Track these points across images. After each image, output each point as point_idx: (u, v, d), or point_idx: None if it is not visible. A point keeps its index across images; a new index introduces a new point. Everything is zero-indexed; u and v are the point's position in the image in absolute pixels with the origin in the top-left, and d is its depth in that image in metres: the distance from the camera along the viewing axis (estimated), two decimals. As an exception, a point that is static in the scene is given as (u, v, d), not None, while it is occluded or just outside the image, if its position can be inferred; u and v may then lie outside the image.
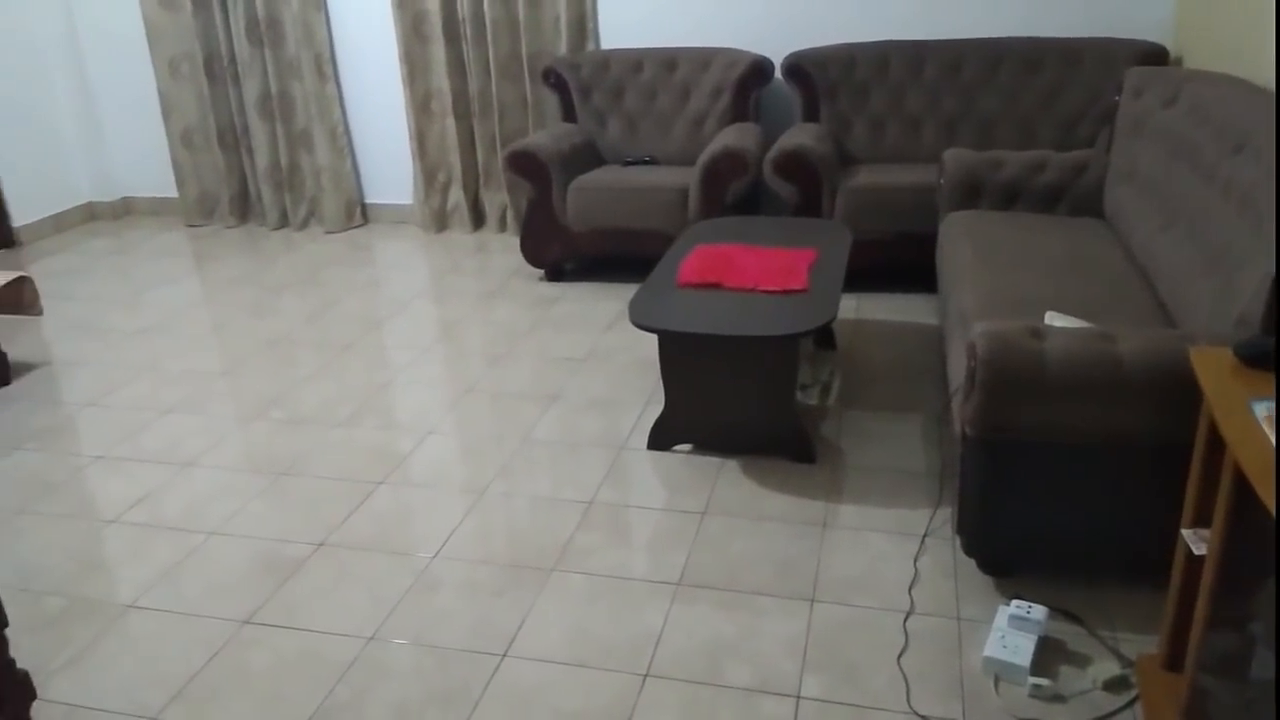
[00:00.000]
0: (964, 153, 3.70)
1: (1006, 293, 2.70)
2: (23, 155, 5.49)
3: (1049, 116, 4.19)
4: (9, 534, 2.69)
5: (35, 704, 2.02)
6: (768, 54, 4.55)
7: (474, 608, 2.29)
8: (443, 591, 2.36)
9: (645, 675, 2.05)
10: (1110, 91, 3.99)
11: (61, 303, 4.54)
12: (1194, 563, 1.72)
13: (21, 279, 3.67)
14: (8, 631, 1.96)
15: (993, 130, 4.26)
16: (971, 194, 3.62)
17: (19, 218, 5.50)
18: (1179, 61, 4.07)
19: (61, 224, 5.78)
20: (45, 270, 5.05)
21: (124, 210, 6.06)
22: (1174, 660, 1.83)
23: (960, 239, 3.23)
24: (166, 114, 5.58)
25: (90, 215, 5.96)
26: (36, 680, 2.08)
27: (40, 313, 3.77)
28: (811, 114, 4.43)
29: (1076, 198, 3.54)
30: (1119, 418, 2.02)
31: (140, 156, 5.87)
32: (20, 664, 2.00)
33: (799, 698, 1.97)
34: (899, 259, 4.03)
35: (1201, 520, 1.71)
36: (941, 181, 3.70)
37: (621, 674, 2.05)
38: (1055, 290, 2.70)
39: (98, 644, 2.23)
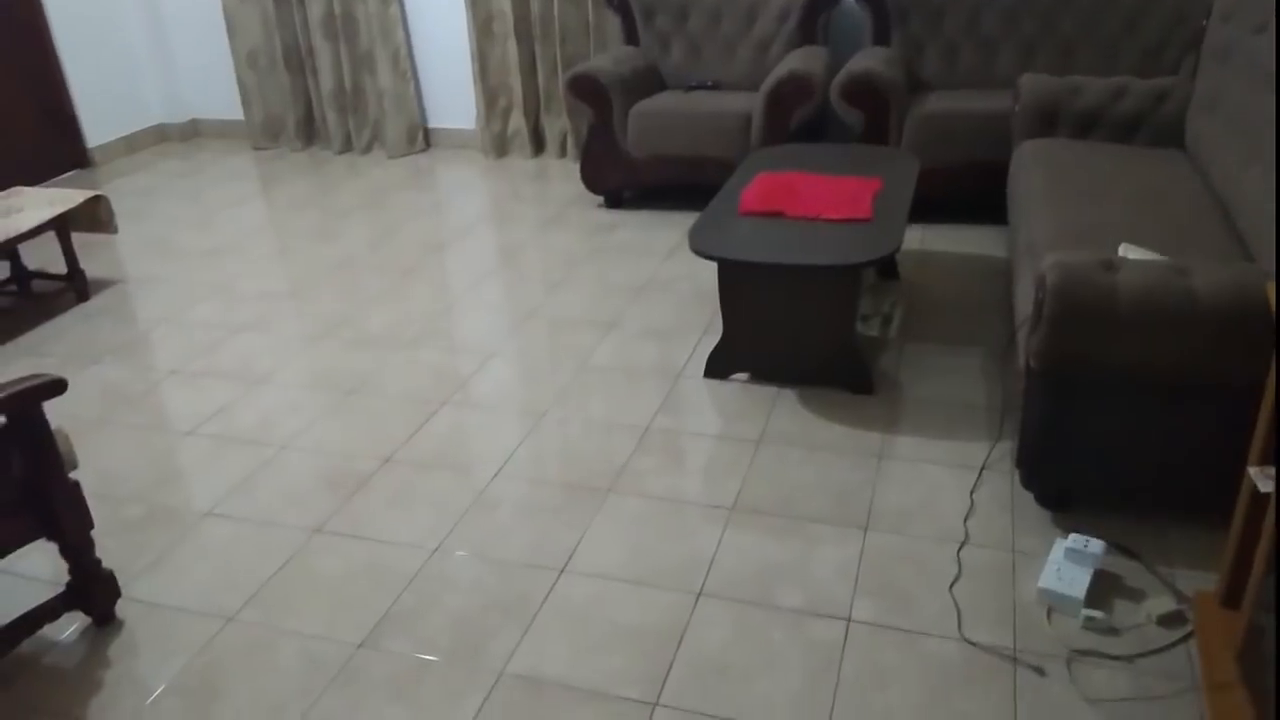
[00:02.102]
0: (1041, 78, 3.58)
1: (1079, 224, 2.63)
2: (96, 77, 5.59)
3: (1132, 41, 4.02)
4: (91, 443, 2.82)
5: (119, 602, 2.14)
6: (838, -25, 4.42)
7: (533, 525, 2.35)
8: (503, 509, 2.42)
9: (698, 594, 2.09)
10: (1198, 16, 3.81)
11: (135, 222, 4.66)
12: (1259, 500, 1.70)
13: (97, 198, 3.77)
14: (92, 534, 2.07)
15: (1072, 55, 4.09)
16: (1047, 121, 3.51)
17: (93, 139, 5.62)
18: (1275, -17, 3.85)
19: (133, 145, 5.89)
20: (119, 190, 5.18)
21: (193, 132, 6.16)
22: (1232, 597, 1.82)
23: (1033, 168, 3.14)
24: (232, 35, 5.62)
25: (161, 137, 6.07)
26: (120, 581, 2.20)
27: (115, 231, 3.89)
28: (882, 37, 4.30)
29: (1157, 127, 3.41)
30: (1191, 353, 1.98)
31: (207, 78, 5.94)
32: (105, 565, 2.12)
33: (850, 620, 2.00)
34: (969, 189, 3.94)
35: (1269, 458, 1.68)
36: (1016, 108, 3.59)
37: (676, 592, 2.10)
38: (1131, 222, 2.62)
39: (176, 549, 2.34)
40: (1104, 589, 2.03)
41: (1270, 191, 2.44)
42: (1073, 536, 2.09)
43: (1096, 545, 2.06)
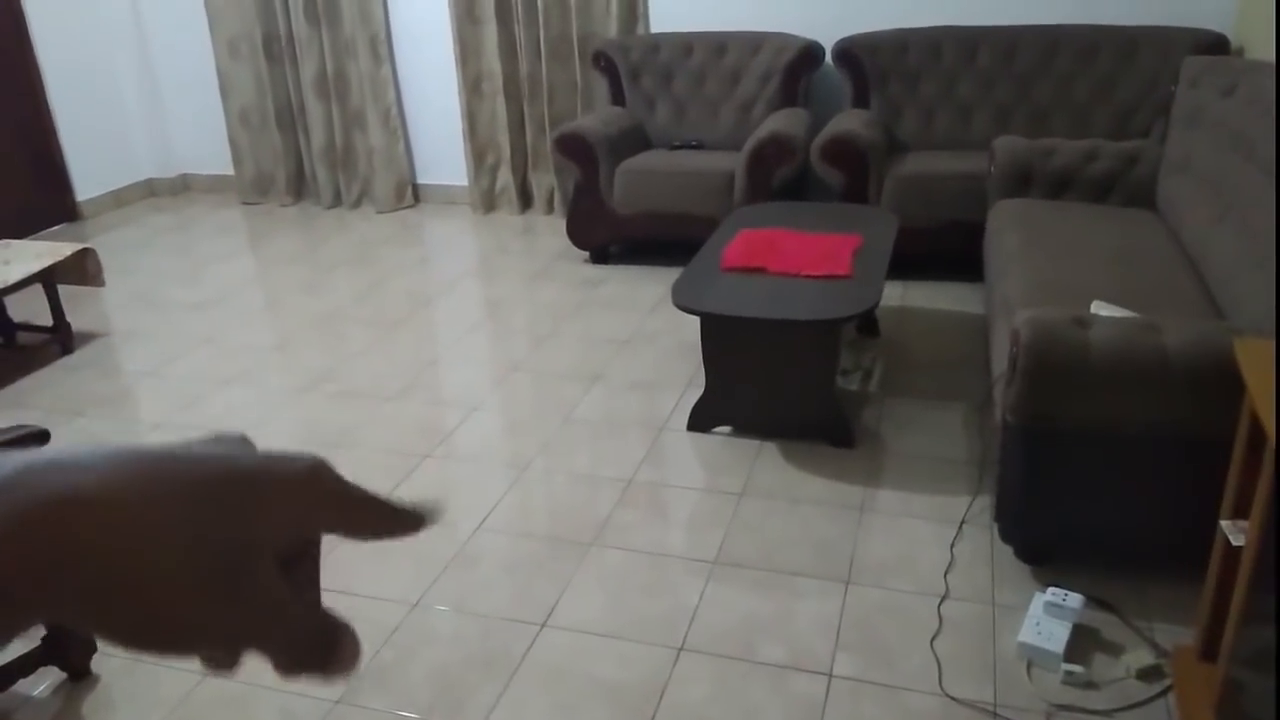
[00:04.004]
0: (1015, 140, 3.67)
1: (1053, 281, 2.69)
2: (87, 132, 5.65)
3: (1104, 106, 4.13)
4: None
5: (96, 656, 2.12)
6: (819, 39, 4.53)
7: (514, 579, 2.35)
8: (484, 562, 2.42)
9: (680, 649, 2.09)
10: (1167, 81, 3.93)
11: (122, 276, 4.68)
12: (1232, 554, 1.72)
13: (85, 251, 3.80)
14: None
15: (1046, 119, 4.20)
16: (1022, 182, 3.59)
17: (82, 192, 5.67)
18: (1240, 51, 3.98)
19: (122, 199, 5.94)
20: (107, 244, 5.20)
21: (182, 187, 6.22)
22: (1209, 651, 1.83)
23: (1009, 227, 3.21)
24: (225, 93, 5.71)
25: (150, 191, 6.12)
26: (98, 633, 2.18)
27: (102, 284, 3.90)
28: (861, 100, 4.41)
29: (1129, 188, 3.50)
30: (1162, 408, 2.01)
31: (199, 135, 6.01)
32: (83, 617, 2.10)
33: (831, 676, 2.00)
34: (947, 247, 4.01)
35: (1241, 512, 1.71)
36: (992, 169, 3.67)
37: (656, 647, 2.10)
38: (1103, 280, 2.68)
39: (155, 602, 2.32)
40: (1083, 643, 2.04)
41: (1237, 252, 2.51)
42: (1051, 590, 2.10)
43: (1075, 599, 2.07)
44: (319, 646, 0.36)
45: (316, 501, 0.37)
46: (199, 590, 0.32)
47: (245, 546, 0.34)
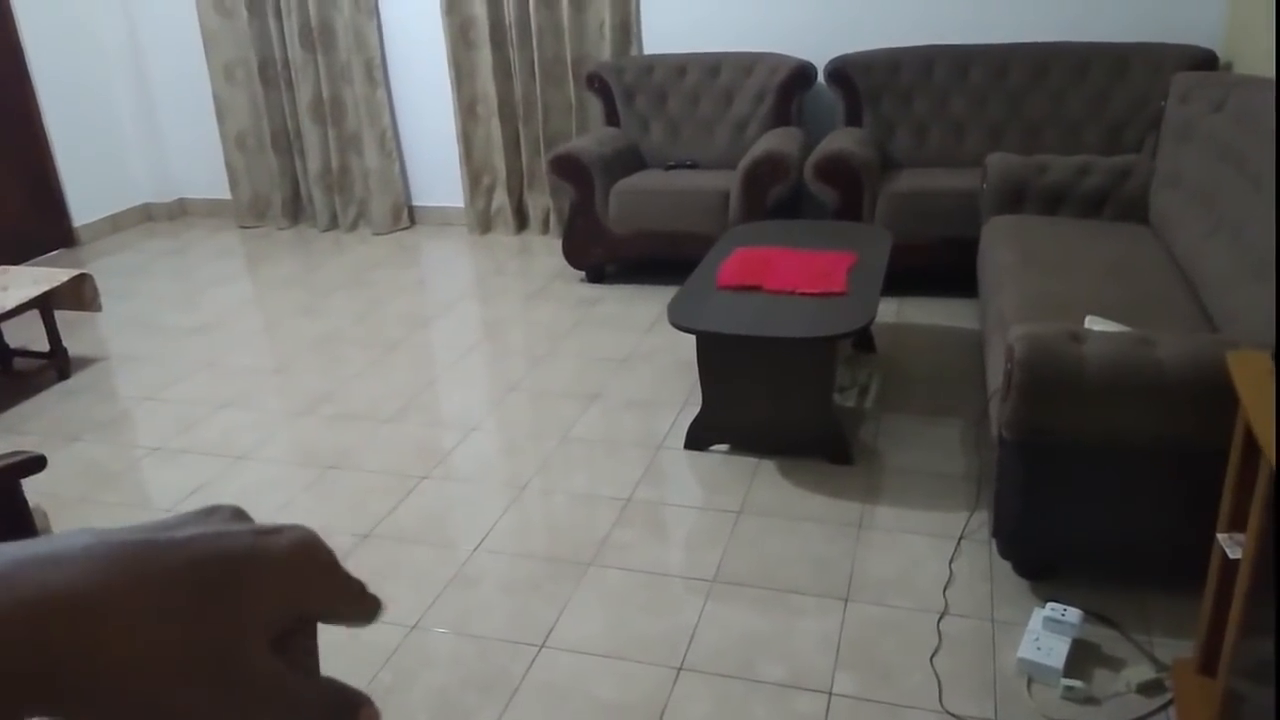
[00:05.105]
0: (1008, 157, 3.69)
1: (1047, 297, 2.70)
2: (84, 157, 5.67)
3: (1095, 122, 4.16)
4: (70, 521, 2.80)
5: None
6: (811, 58, 4.57)
7: (513, 600, 2.34)
8: (483, 583, 2.41)
9: (679, 669, 2.09)
10: (1157, 97, 3.96)
11: (120, 300, 4.69)
12: (1229, 567, 1.72)
13: (82, 277, 3.80)
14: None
15: (1038, 135, 4.23)
16: (1015, 198, 3.61)
17: (79, 218, 5.68)
18: (1229, 66, 4.02)
19: (119, 224, 5.95)
20: (104, 269, 5.22)
21: (179, 211, 6.23)
22: (1209, 665, 1.83)
23: (1002, 243, 3.23)
24: (221, 118, 5.73)
25: (147, 216, 6.13)
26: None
27: (99, 309, 3.91)
28: (854, 118, 4.44)
29: (1121, 203, 3.52)
30: (1157, 422, 2.02)
31: (195, 159, 6.03)
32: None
33: (831, 694, 1.99)
34: (941, 263, 4.03)
35: (1237, 524, 1.71)
36: (984, 186, 3.69)
37: (656, 667, 2.09)
38: (1097, 295, 2.69)
39: (153, 627, 2.31)
40: (1083, 658, 2.04)
41: (1230, 265, 2.52)
42: (1050, 605, 2.10)
43: (1074, 614, 2.07)
44: (333, 717, 0.36)
45: (309, 577, 0.36)
46: (189, 680, 0.31)
47: (234, 630, 0.33)
